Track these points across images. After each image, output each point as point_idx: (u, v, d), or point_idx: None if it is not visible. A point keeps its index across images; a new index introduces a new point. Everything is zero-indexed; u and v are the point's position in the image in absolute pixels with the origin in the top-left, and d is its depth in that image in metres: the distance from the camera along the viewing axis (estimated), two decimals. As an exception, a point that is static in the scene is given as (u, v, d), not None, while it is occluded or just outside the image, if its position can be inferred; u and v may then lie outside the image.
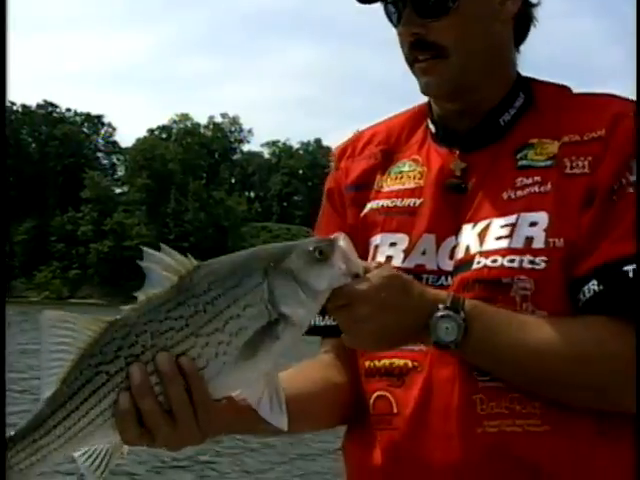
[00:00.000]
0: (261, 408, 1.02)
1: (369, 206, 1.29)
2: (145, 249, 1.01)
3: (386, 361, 1.21)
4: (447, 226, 1.18)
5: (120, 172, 70.40)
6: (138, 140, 66.08)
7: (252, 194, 77.43)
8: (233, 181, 74.27)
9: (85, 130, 70.52)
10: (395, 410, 1.20)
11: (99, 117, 71.08)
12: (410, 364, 1.18)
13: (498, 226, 1.14)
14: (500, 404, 1.09)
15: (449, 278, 1.12)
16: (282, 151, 77.12)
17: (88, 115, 70.70)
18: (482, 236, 1.15)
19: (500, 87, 1.19)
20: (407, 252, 1.18)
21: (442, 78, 1.15)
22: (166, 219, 59.03)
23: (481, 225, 1.16)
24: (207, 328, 1.00)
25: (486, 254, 1.12)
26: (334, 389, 1.26)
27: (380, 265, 1.06)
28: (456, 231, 1.16)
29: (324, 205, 1.37)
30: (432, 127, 1.28)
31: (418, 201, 1.24)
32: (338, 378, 1.27)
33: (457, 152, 1.21)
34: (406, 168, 1.30)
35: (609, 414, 1.05)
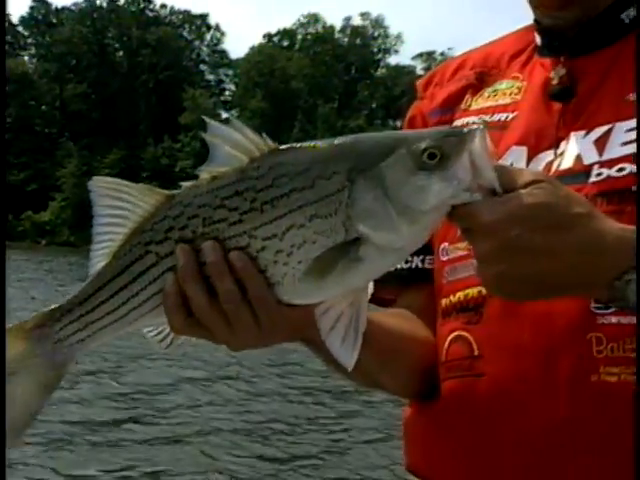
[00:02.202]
0: (331, 337, 1.10)
1: (453, 125, 1.46)
2: (209, 120, 1.10)
3: (460, 294, 1.35)
4: (544, 137, 1.31)
5: (229, 92, 73.09)
6: (252, 49, 67.74)
7: (399, 123, 77.89)
8: (374, 105, 74.79)
9: (185, 35, 73.24)
10: (476, 352, 1.31)
11: (203, 17, 73.56)
12: (484, 290, 1.29)
13: (623, 130, 1.25)
14: (624, 346, 1.15)
15: None
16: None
17: (189, 14, 73.27)
18: (601, 144, 1.26)
19: None
20: None
21: None
22: (287, 154, 60.59)
23: (599, 131, 1.27)
24: (263, 231, 1.09)
25: (609, 163, 1.22)
26: (422, 344, 1.40)
27: (534, 180, 1.04)
28: (556, 143, 1.30)
29: None
30: (538, 39, 1.47)
31: (511, 115, 1.41)
32: (425, 334, 1.41)
33: (562, 59, 1.39)
34: (503, 86, 1.48)
35: None
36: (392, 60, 76.45)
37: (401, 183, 1.05)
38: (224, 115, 68.35)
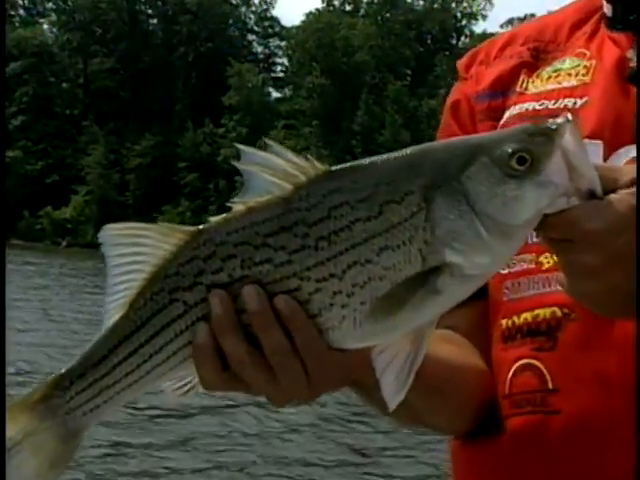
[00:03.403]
0: (385, 376, 1.12)
1: (508, 113, 1.48)
2: (243, 147, 1.10)
3: (527, 314, 1.36)
4: (623, 129, 1.30)
5: (281, 66, 73.41)
6: (309, 15, 67.93)
7: (484, 103, 77.54)
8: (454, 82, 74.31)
9: (230, -1, 74.05)
10: (550, 384, 1.32)
11: (252, -22, 74.28)
12: (559, 312, 1.32)
13: None
14: None
15: None
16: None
17: (235, -24, 74.18)
18: None
19: None
20: None
21: None
22: (351, 140, 60.01)
23: None
24: (317, 271, 1.09)
25: None
26: (475, 375, 1.41)
27: (634, 178, 1.06)
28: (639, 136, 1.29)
29: (445, 123, 1.57)
30: (608, 9, 1.46)
31: (580, 101, 1.40)
32: (476, 361, 1.42)
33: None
34: (566, 65, 1.47)
35: None
36: (478, 28, 76.04)
37: (489, 196, 1.04)
38: (275, 94, 68.76)
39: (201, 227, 1.13)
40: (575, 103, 1.39)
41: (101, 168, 58.17)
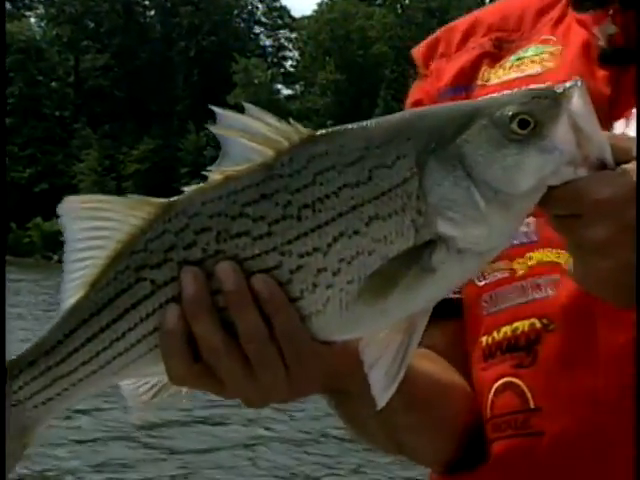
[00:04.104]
0: (374, 371, 1.11)
1: None
2: (217, 109, 1.10)
3: (507, 328, 1.37)
4: (598, 116, 1.27)
5: (291, 61, 73.62)
6: (321, 4, 68.22)
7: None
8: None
9: (235, -12, 74.31)
10: (532, 404, 1.33)
11: (258, -35, 74.56)
12: (538, 323, 1.33)
13: None
14: None
15: None
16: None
17: (240, -38, 74.42)
18: None
19: None
20: None
21: None
22: (368, 141, 60.61)
23: None
24: (300, 244, 1.08)
25: None
26: (463, 397, 1.42)
27: None
28: (610, 122, 1.31)
29: None
30: None
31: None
32: (463, 382, 1.43)
33: (611, 11, 1.41)
34: (529, 53, 1.50)
35: None
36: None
37: (488, 161, 1.04)
38: (285, 92, 68.91)
39: (173, 199, 1.12)
40: None
41: (95, 175, 58.49)
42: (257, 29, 75.71)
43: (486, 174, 1.04)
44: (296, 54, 72.94)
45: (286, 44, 75.30)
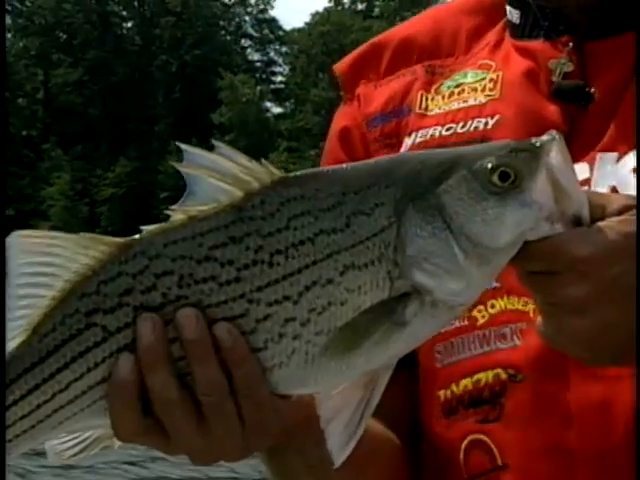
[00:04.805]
0: (332, 427, 1.13)
1: (409, 141, 1.51)
2: (185, 147, 1.11)
3: (466, 381, 1.40)
4: None
5: (282, 76, 73.86)
6: (315, 16, 68.60)
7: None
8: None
9: (221, -3, 74.63)
10: (499, 461, 1.36)
11: (246, -27, 74.93)
12: (503, 374, 1.37)
13: None
14: None
15: None
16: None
17: (226, -31, 74.79)
18: None
19: None
20: None
21: None
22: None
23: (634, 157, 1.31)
24: (270, 292, 1.09)
25: None
26: (393, 448, 1.46)
27: (629, 205, 1.10)
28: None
29: (331, 152, 1.61)
30: (514, 16, 1.51)
31: (491, 121, 1.46)
32: (390, 434, 1.47)
33: (569, 42, 1.43)
34: (469, 79, 1.52)
35: None
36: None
37: (469, 213, 1.08)
38: (275, 110, 69.04)
39: (130, 238, 1.13)
40: (487, 123, 1.46)
41: (66, 200, 58.42)
42: (244, 42, 76.09)
43: (466, 226, 1.08)
44: (287, 69, 73.36)
45: (276, 58, 75.65)
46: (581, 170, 1.35)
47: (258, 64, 75.74)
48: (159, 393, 1.11)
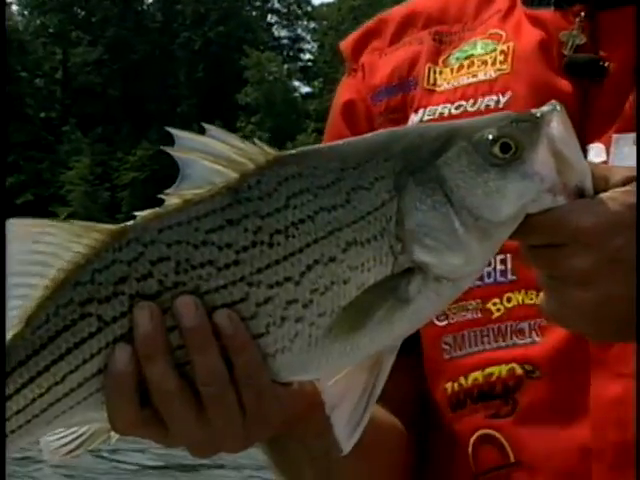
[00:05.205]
0: (337, 413, 1.13)
1: (416, 118, 1.52)
2: (175, 131, 1.12)
3: (477, 374, 1.41)
4: None
5: (310, 54, 73.55)
6: (345, -10, 68.54)
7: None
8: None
9: (246, -28, 74.49)
10: (512, 457, 1.38)
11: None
12: (519, 369, 1.38)
13: None
14: None
15: None
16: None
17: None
18: None
19: None
20: None
21: None
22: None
23: None
24: (270, 274, 1.10)
25: None
26: (398, 435, 1.48)
27: (632, 177, 1.11)
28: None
29: (334, 126, 1.62)
30: None
31: (503, 99, 1.46)
32: (394, 420, 1.48)
33: (581, 14, 1.43)
34: (478, 50, 1.52)
35: None
36: None
37: (469, 185, 1.10)
38: (303, 89, 68.82)
39: (125, 224, 1.14)
40: (498, 101, 1.47)
41: (86, 184, 58.42)
42: (271, 18, 75.87)
43: (467, 199, 1.10)
44: (315, 46, 73.19)
45: (304, 35, 75.34)
46: (597, 152, 1.38)
47: (285, 41, 75.46)
48: (158, 384, 1.12)
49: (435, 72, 1.56)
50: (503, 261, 1.41)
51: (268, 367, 1.12)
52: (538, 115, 1.12)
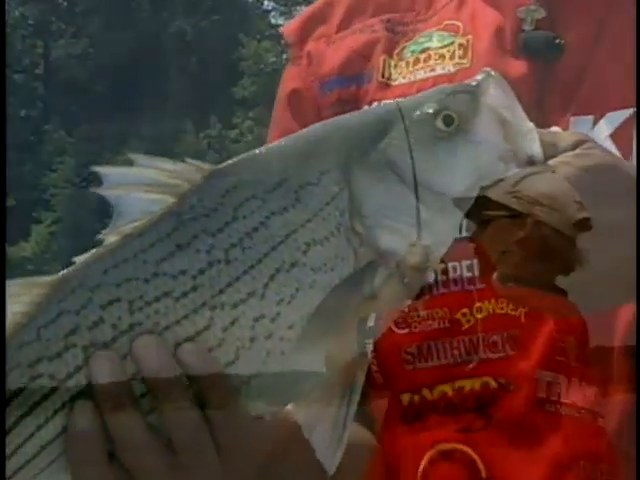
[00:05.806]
0: (317, 434, 1.14)
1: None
2: (100, 168, 1.13)
3: (446, 387, 1.44)
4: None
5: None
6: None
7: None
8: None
9: (240, -45, 74.69)
10: (484, 474, 1.41)
11: None
12: (493, 382, 1.42)
13: None
14: None
15: None
16: None
17: None
18: (622, 140, 1.36)
19: None
20: None
21: None
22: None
23: (614, 118, 1.37)
24: (232, 293, 1.10)
25: None
26: (370, 447, 1.51)
27: (580, 140, 1.15)
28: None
29: (279, 120, 1.67)
30: None
31: None
32: (369, 438, 1.52)
33: None
34: (435, 43, 1.55)
35: None
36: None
37: (418, 162, 1.13)
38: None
39: (65, 272, 1.13)
40: None
41: (72, 187, 58.60)
42: (267, 5, 76.30)
43: (419, 176, 1.13)
44: (317, 36, 72.96)
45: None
46: None
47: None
48: (124, 438, 1.11)
49: (390, 66, 1.59)
50: (470, 268, 1.45)
51: (243, 399, 1.12)
52: (474, 84, 1.16)
